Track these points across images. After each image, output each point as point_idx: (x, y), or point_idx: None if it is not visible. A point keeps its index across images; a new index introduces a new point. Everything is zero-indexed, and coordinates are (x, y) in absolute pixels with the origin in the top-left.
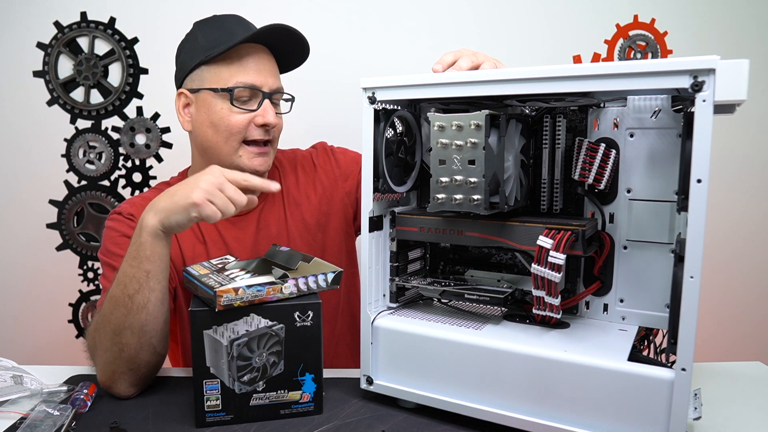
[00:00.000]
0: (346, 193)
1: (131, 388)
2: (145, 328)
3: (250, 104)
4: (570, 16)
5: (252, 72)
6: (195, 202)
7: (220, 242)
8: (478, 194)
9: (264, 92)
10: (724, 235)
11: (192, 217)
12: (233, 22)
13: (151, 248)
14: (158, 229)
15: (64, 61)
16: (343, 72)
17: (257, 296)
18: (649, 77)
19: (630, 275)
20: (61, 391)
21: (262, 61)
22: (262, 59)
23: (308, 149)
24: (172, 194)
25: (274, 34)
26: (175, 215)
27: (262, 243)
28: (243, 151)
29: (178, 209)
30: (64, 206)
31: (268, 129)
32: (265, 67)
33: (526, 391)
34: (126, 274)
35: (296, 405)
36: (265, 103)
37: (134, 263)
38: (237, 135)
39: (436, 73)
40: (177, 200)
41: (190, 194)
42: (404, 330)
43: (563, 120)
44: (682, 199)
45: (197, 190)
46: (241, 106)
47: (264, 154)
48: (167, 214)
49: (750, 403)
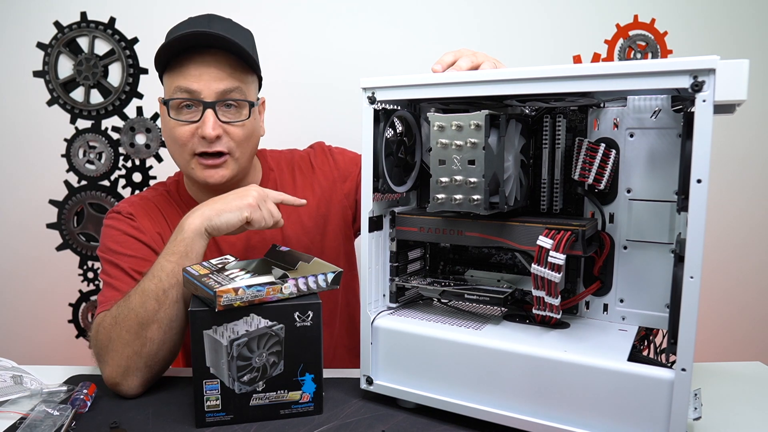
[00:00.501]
0: (345, 195)
1: (140, 387)
2: (172, 323)
3: (192, 113)
4: (570, 16)
5: (191, 76)
6: (250, 203)
7: (213, 245)
8: (478, 194)
9: (204, 101)
10: (724, 235)
11: (243, 217)
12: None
13: (191, 245)
14: (203, 227)
15: (64, 61)
16: (343, 72)
17: (257, 296)
18: (649, 77)
19: (630, 275)
20: (61, 391)
21: (205, 65)
22: (205, 62)
23: (306, 150)
24: (221, 199)
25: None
26: (227, 214)
27: (257, 247)
28: (194, 162)
29: (231, 209)
30: (64, 206)
31: (211, 141)
32: (209, 70)
33: (526, 391)
34: (163, 268)
35: (296, 405)
36: (206, 114)
37: (172, 258)
38: (183, 147)
39: (436, 73)
40: (230, 201)
41: (244, 197)
42: (404, 330)
43: (563, 120)
44: (682, 199)
45: (250, 196)
46: (182, 116)
47: (216, 166)
48: (217, 213)
49: (750, 403)
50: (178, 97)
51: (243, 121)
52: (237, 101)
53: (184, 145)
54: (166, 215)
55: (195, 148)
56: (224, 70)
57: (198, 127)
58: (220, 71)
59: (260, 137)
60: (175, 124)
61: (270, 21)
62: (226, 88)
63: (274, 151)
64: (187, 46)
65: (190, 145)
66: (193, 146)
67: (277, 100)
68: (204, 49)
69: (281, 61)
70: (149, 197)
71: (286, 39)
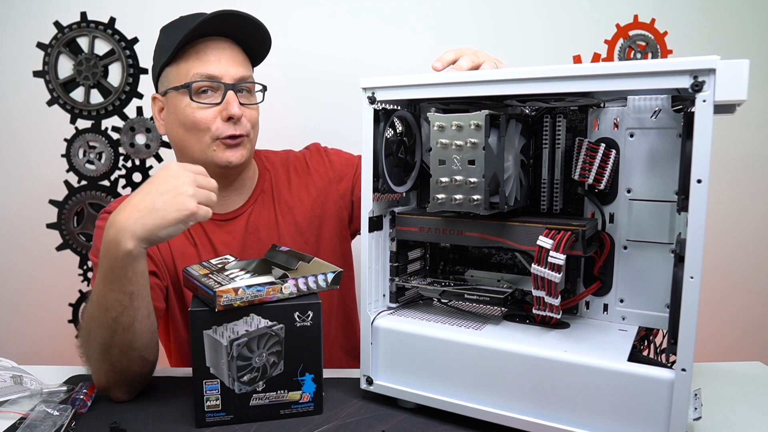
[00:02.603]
0: (341, 195)
1: (126, 395)
2: (133, 345)
3: (212, 97)
4: (570, 16)
5: (210, 62)
6: (193, 212)
7: (209, 245)
8: (478, 194)
9: (225, 83)
10: (725, 235)
11: (188, 226)
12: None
13: (132, 269)
14: (140, 249)
15: (64, 61)
16: (343, 72)
17: (257, 296)
18: (649, 77)
19: (630, 275)
20: (61, 391)
21: (222, 51)
22: (222, 49)
23: (301, 150)
24: (151, 209)
25: (224, 20)
26: (166, 229)
27: (252, 247)
28: (216, 145)
29: (170, 222)
30: (64, 206)
31: (235, 122)
32: (225, 56)
33: (526, 391)
34: (106, 297)
35: (296, 405)
36: (229, 95)
37: (114, 287)
38: (206, 132)
39: (436, 70)
40: (166, 215)
41: (182, 204)
42: (404, 330)
43: (563, 120)
44: (682, 199)
45: (186, 197)
46: (203, 100)
47: (237, 146)
48: (154, 230)
49: (750, 403)
50: (200, 81)
51: (257, 104)
52: (252, 85)
53: (206, 129)
54: None
55: (220, 132)
56: (238, 56)
57: (221, 110)
58: (235, 58)
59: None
60: (197, 107)
61: (270, 21)
62: (242, 74)
63: (269, 152)
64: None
65: (213, 128)
66: (217, 130)
67: (277, 100)
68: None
69: (281, 61)
70: None
71: (286, 39)
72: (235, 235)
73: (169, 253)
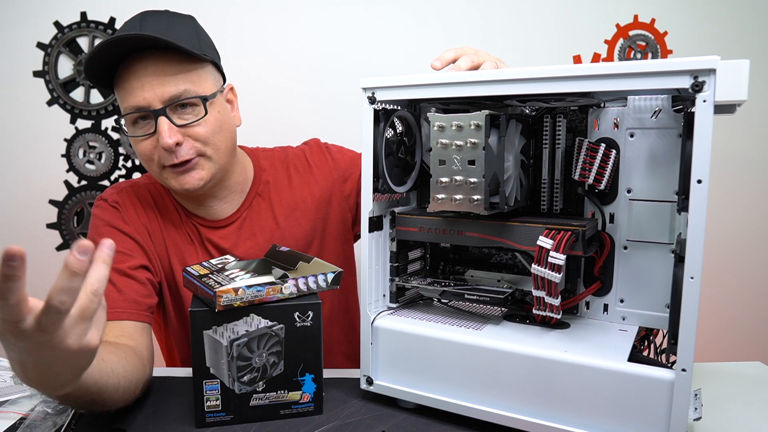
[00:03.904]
0: (345, 197)
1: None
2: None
3: (146, 127)
4: (570, 16)
5: (134, 90)
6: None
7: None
8: (478, 194)
9: (153, 110)
10: (725, 235)
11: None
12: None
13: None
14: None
15: (64, 61)
16: (343, 72)
17: (257, 296)
18: (650, 77)
19: (630, 275)
20: None
21: (144, 73)
22: (143, 69)
23: (300, 146)
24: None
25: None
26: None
27: (250, 253)
28: (167, 173)
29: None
30: (64, 206)
31: (172, 150)
32: (151, 78)
33: (526, 391)
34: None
35: (296, 405)
36: (159, 123)
37: (69, 403)
38: (151, 162)
39: (435, 69)
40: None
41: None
42: (404, 330)
43: (563, 120)
44: (683, 200)
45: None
46: (138, 132)
47: (188, 170)
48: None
49: (750, 403)
50: (129, 113)
51: (201, 119)
52: (189, 100)
53: (150, 160)
54: (159, 204)
55: (163, 161)
56: (166, 72)
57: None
58: (161, 76)
59: (236, 127)
60: (136, 140)
61: (270, 20)
62: (173, 93)
63: (266, 150)
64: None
65: (155, 158)
66: (161, 159)
67: (277, 99)
68: (137, 54)
69: (281, 61)
70: (141, 183)
71: (286, 38)
72: (228, 239)
73: (164, 248)
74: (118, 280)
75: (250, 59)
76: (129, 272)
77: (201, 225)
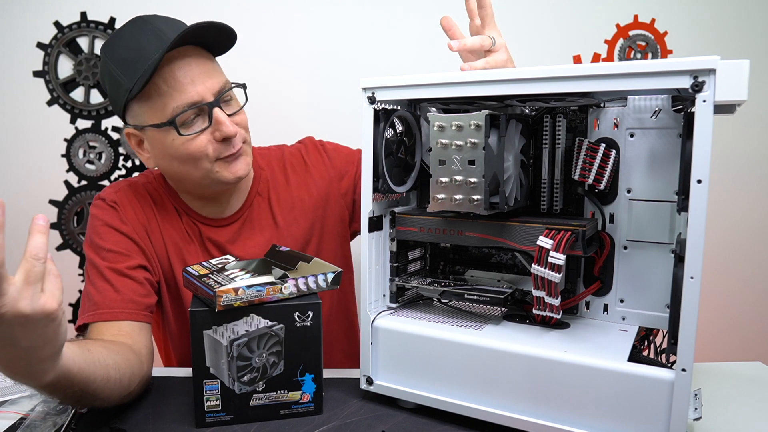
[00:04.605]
0: (342, 195)
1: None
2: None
3: (199, 123)
4: (570, 16)
5: (186, 87)
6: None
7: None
8: (478, 194)
9: (209, 103)
10: (725, 235)
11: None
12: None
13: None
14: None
15: (64, 61)
16: (343, 72)
17: (257, 296)
18: (650, 77)
19: (630, 275)
20: None
21: (190, 68)
22: (189, 65)
23: (295, 145)
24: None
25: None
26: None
27: (250, 251)
28: (218, 166)
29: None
30: (64, 206)
31: (230, 139)
32: (197, 73)
33: (526, 391)
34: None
35: (296, 405)
36: (216, 114)
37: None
38: (203, 159)
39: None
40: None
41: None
42: (404, 330)
43: (563, 120)
44: (683, 200)
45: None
46: (191, 130)
47: (239, 156)
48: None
49: (750, 403)
50: (183, 112)
51: (243, 107)
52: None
53: (202, 156)
54: (157, 203)
55: (218, 154)
56: (206, 65)
57: (212, 131)
58: (204, 69)
59: None
60: (187, 140)
61: (270, 21)
62: (220, 84)
63: (262, 149)
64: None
65: (210, 153)
66: (215, 152)
67: (276, 99)
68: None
69: (281, 61)
70: (139, 182)
71: (286, 38)
72: (228, 238)
73: (163, 247)
74: (116, 280)
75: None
76: (127, 272)
77: (202, 223)
